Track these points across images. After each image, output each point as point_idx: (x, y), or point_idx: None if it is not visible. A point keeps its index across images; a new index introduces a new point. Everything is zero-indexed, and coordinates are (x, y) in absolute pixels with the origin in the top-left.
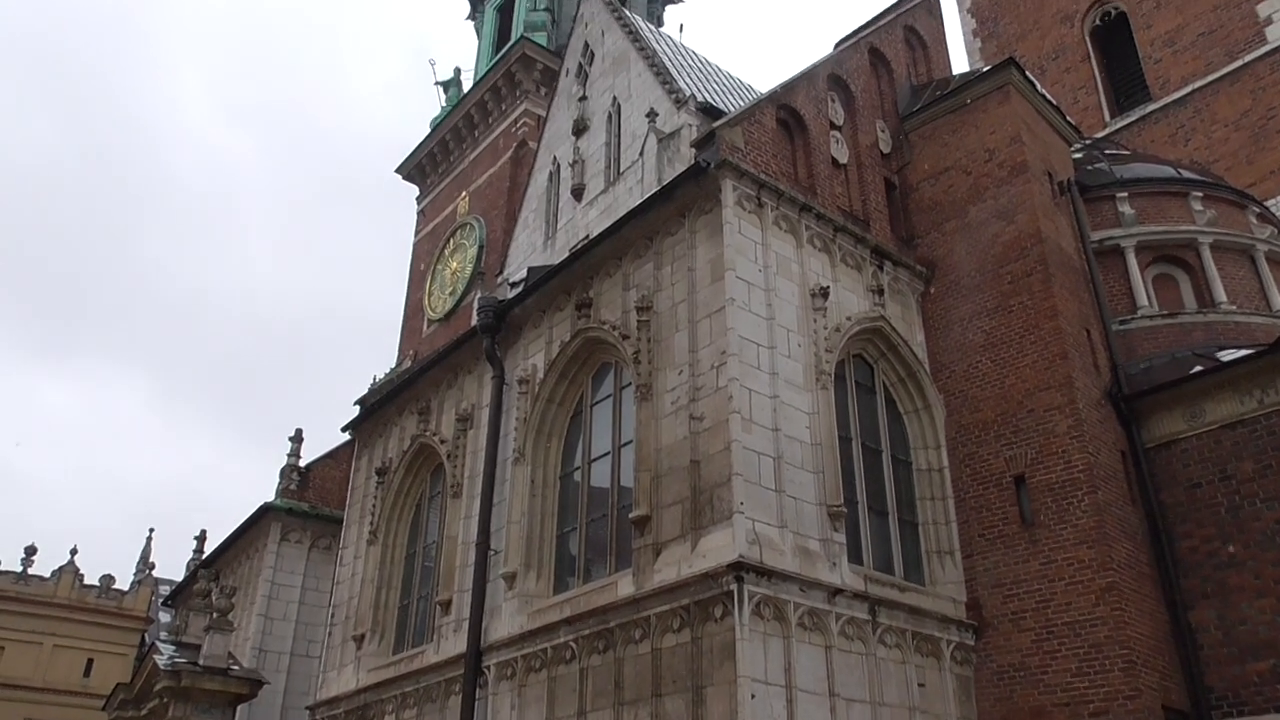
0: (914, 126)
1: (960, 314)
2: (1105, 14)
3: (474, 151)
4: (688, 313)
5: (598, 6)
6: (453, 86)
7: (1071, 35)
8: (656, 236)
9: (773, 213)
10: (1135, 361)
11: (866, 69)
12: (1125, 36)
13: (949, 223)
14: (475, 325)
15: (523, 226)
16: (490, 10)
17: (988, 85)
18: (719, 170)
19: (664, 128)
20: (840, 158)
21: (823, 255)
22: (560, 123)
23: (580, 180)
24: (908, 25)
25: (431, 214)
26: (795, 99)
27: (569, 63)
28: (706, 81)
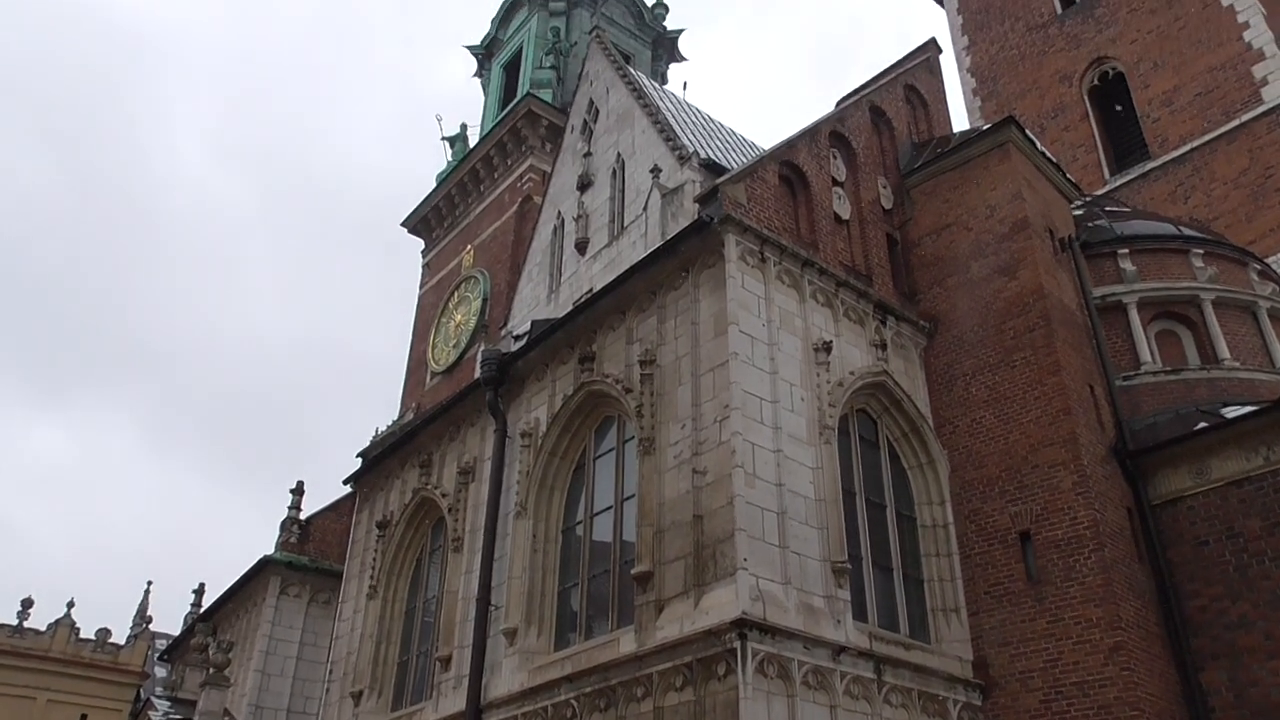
0: (916, 183)
1: (963, 369)
2: (1103, 74)
3: (479, 206)
4: (691, 366)
5: (603, 65)
6: (459, 142)
7: (1070, 94)
8: (660, 290)
9: (775, 267)
10: (1140, 418)
11: (868, 126)
12: (1123, 96)
13: (951, 278)
14: (478, 378)
15: (527, 280)
16: (497, 68)
17: (988, 143)
18: (722, 225)
19: (668, 183)
20: (842, 213)
21: (825, 310)
22: (565, 178)
23: (584, 234)
24: (908, 84)
25: (437, 267)
26: (797, 155)
27: (574, 119)
28: (710, 138)
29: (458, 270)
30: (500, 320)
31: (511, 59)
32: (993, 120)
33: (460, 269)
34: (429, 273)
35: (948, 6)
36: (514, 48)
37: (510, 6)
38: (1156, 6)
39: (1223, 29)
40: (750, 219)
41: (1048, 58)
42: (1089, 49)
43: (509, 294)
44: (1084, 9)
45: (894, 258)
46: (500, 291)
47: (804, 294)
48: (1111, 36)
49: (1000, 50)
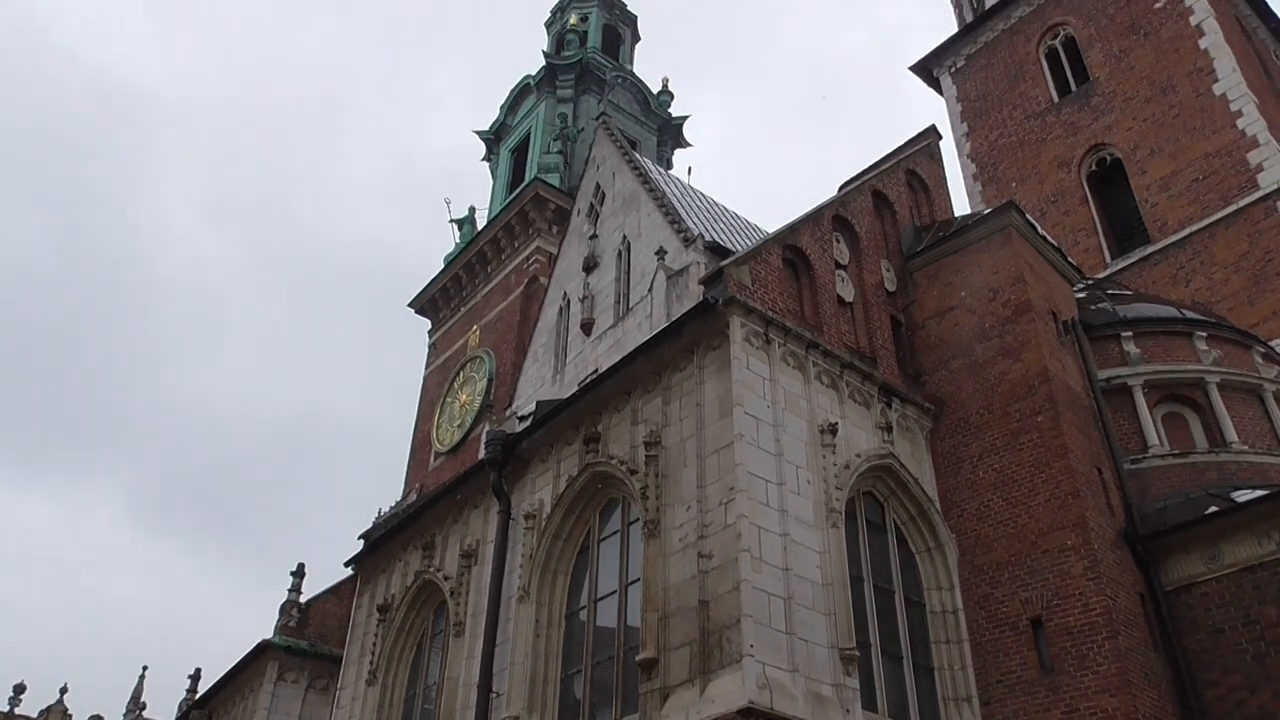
0: (918, 266)
1: (970, 452)
2: (1101, 160)
3: (486, 287)
4: (696, 448)
5: (609, 150)
6: (467, 224)
7: (1069, 180)
8: (665, 371)
9: (780, 349)
10: (1149, 501)
11: (870, 210)
12: (1122, 181)
13: (955, 360)
14: (482, 459)
15: (532, 360)
16: (505, 152)
17: (989, 227)
18: (727, 307)
19: (673, 265)
20: (846, 296)
21: (831, 392)
22: (571, 259)
23: (590, 315)
24: (909, 169)
25: (443, 347)
26: (801, 239)
27: (581, 202)
28: (714, 221)
29: (463, 350)
30: (505, 401)
31: (520, 144)
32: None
33: (466, 349)
34: (435, 353)
35: (946, 95)
36: (522, 133)
37: (519, 94)
38: (1151, 95)
39: (1217, 117)
40: (755, 301)
41: (1046, 144)
42: (1086, 136)
43: (514, 374)
44: (1080, 97)
45: (898, 340)
46: (505, 372)
47: (809, 376)
48: (1108, 124)
49: (1000, 137)
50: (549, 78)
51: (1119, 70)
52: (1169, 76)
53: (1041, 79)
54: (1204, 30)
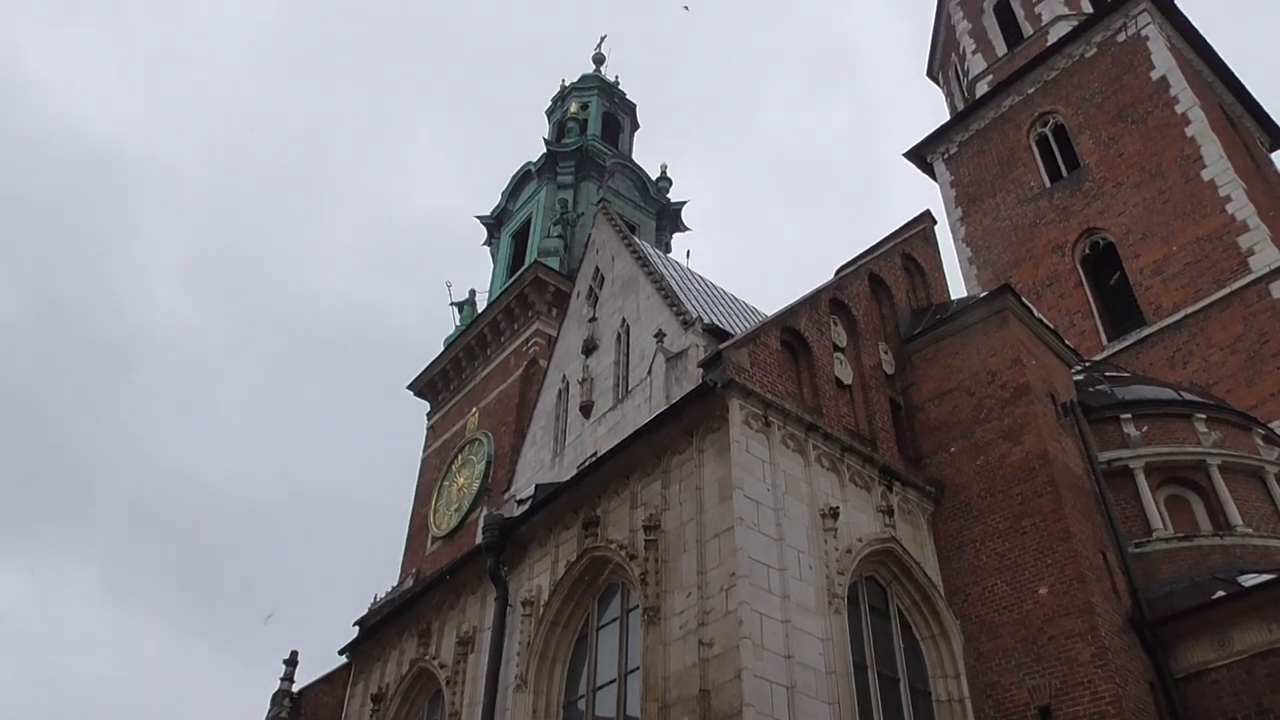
0: (916, 349)
1: (972, 535)
2: (1094, 244)
3: (486, 369)
4: (696, 532)
5: (609, 234)
6: (466, 307)
7: (1063, 264)
8: (665, 455)
9: (780, 431)
10: (1155, 586)
11: (867, 293)
12: (1116, 264)
13: (955, 443)
14: (480, 543)
15: (531, 443)
16: (506, 236)
17: (985, 310)
18: (726, 389)
19: (671, 348)
20: (845, 378)
21: (831, 475)
22: (570, 342)
23: (589, 397)
24: (905, 253)
25: (441, 429)
26: (799, 322)
27: (580, 286)
28: (712, 304)
29: (462, 433)
30: (504, 484)
31: (521, 229)
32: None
33: (465, 431)
34: (433, 435)
35: (940, 180)
36: (523, 218)
37: (520, 180)
38: (1141, 180)
39: (1206, 202)
40: (754, 383)
41: (1040, 229)
42: (1079, 220)
43: (513, 457)
44: (1072, 183)
45: (898, 422)
46: (504, 454)
47: (809, 459)
48: (1100, 209)
49: (994, 221)
50: (550, 164)
51: (1109, 156)
52: (1158, 163)
53: (1033, 165)
54: (1190, 118)
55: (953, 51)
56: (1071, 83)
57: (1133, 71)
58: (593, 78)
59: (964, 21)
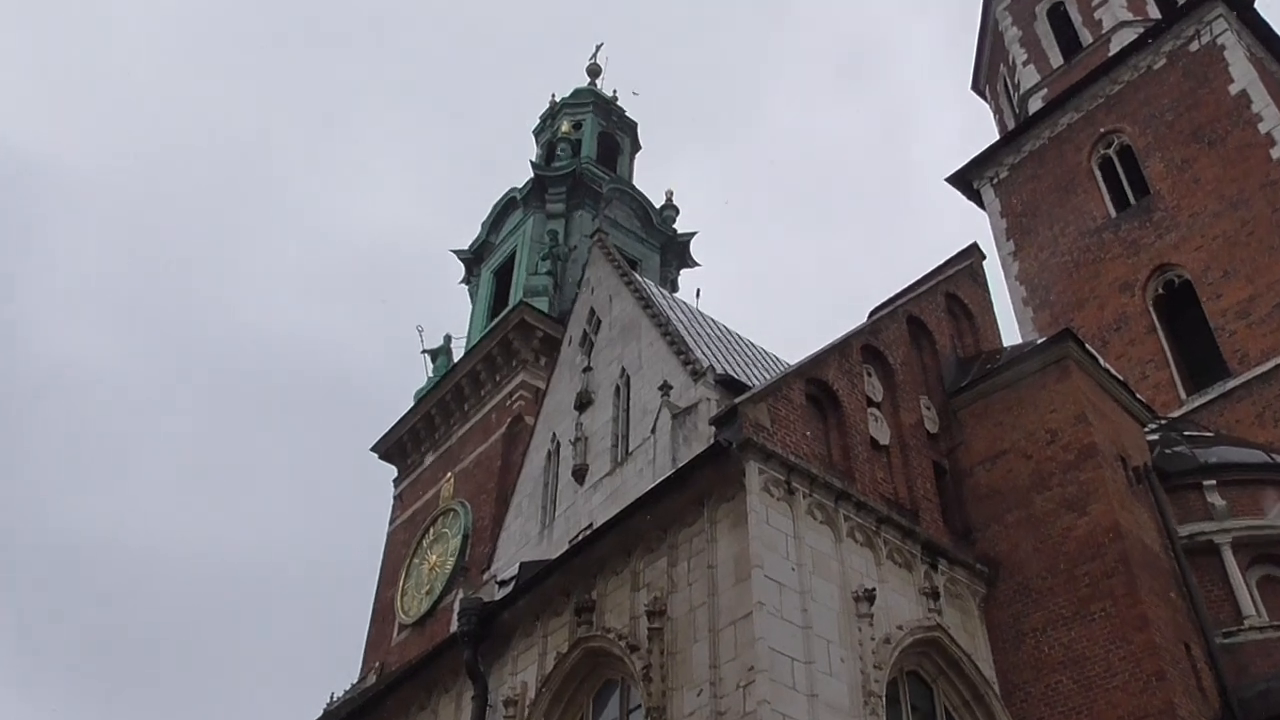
0: (963, 404)
1: (1032, 623)
2: (1169, 282)
3: (462, 428)
4: (708, 619)
5: (605, 271)
6: (441, 355)
7: (1133, 305)
8: (671, 527)
9: (805, 500)
10: (1248, 684)
11: (905, 340)
12: (1194, 306)
13: (1011, 514)
14: (455, 632)
15: (515, 514)
16: (487, 274)
17: (1043, 359)
18: (742, 451)
19: (679, 402)
20: (881, 438)
21: (866, 551)
22: (561, 396)
23: (583, 460)
24: (949, 293)
25: (410, 498)
26: (827, 372)
27: (572, 330)
28: (726, 351)
29: (435, 502)
30: (483, 561)
31: (503, 264)
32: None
33: (438, 500)
34: (400, 505)
35: (989, 209)
36: (506, 252)
37: (503, 209)
38: (1221, 209)
39: None
40: (774, 444)
41: (1105, 264)
42: (1149, 255)
43: (494, 530)
44: (1140, 213)
45: (943, 490)
46: (484, 527)
47: (840, 532)
48: (1173, 242)
49: (1051, 256)
50: (538, 191)
51: (1182, 182)
52: (1239, 189)
53: (1096, 192)
54: (1276, 138)
55: (1001, 62)
56: (1138, 98)
57: (1208, 85)
58: (587, 92)
59: (1013, 28)
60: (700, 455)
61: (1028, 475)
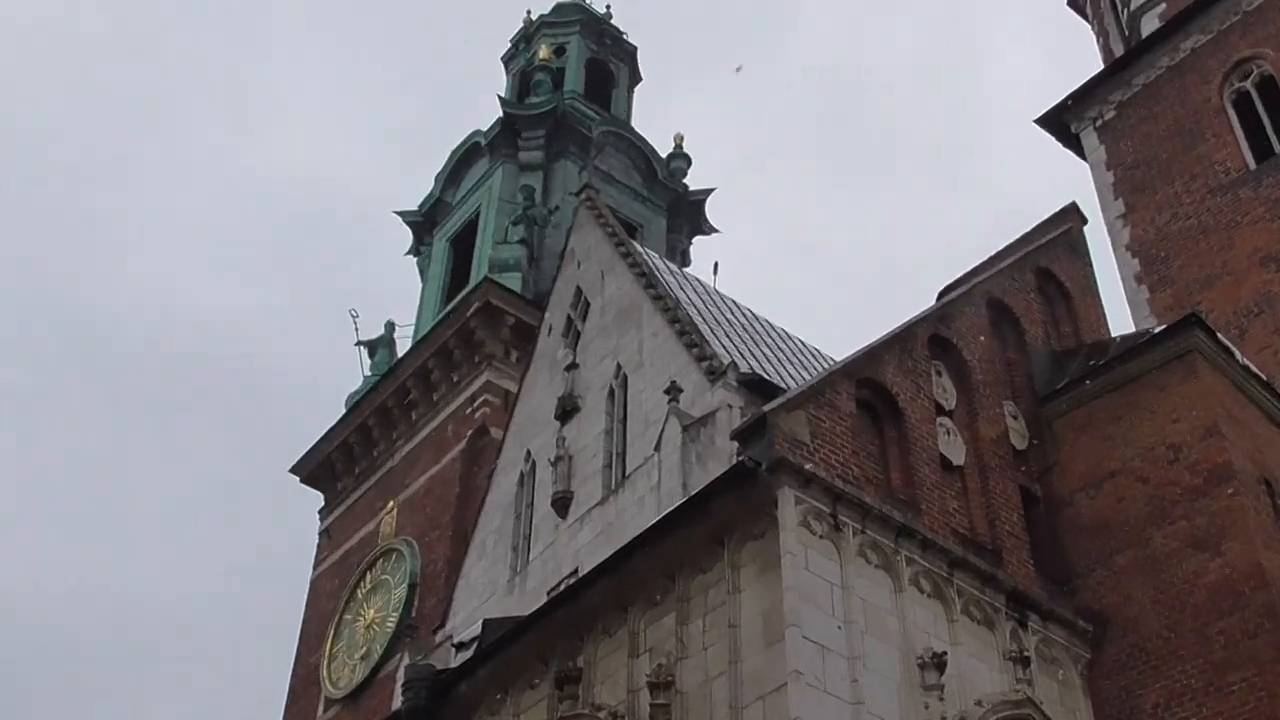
0: (1060, 411)
1: (1151, 697)
2: None
3: (409, 443)
4: (729, 692)
5: (596, 239)
6: (381, 348)
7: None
8: (681, 573)
9: (856, 538)
10: None
11: (985, 328)
12: None
13: (1121, 554)
14: (399, 709)
15: (478, 555)
16: (441, 242)
17: (1162, 353)
18: (774, 473)
19: (692, 410)
20: (953, 456)
21: (934, 604)
22: (538, 401)
23: (566, 486)
24: (1041, 267)
25: (340, 535)
26: (884, 371)
27: (553, 316)
28: (753, 343)
29: (372, 540)
30: (435, 618)
31: (463, 230)
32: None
33: (377, 538)
34: (328, 545)
35: (1091, 159)
36: (467, 214)
37: (464, 159)
38: None
39: None
40: (816, 464)
41: (1241, 230)
42: None
43: (450, 576)
44: None
45: (1033, 523)
46: (436, 572)
47: (900, 579)
48: None
49: (1172, 220)
50: (508, 135)
51: None
52: None
53: (1229, 136)
54: None
55: None
56: None
57: None
58: (572, 7)
59: None
60: (719, 479)
61: (1144, 504)
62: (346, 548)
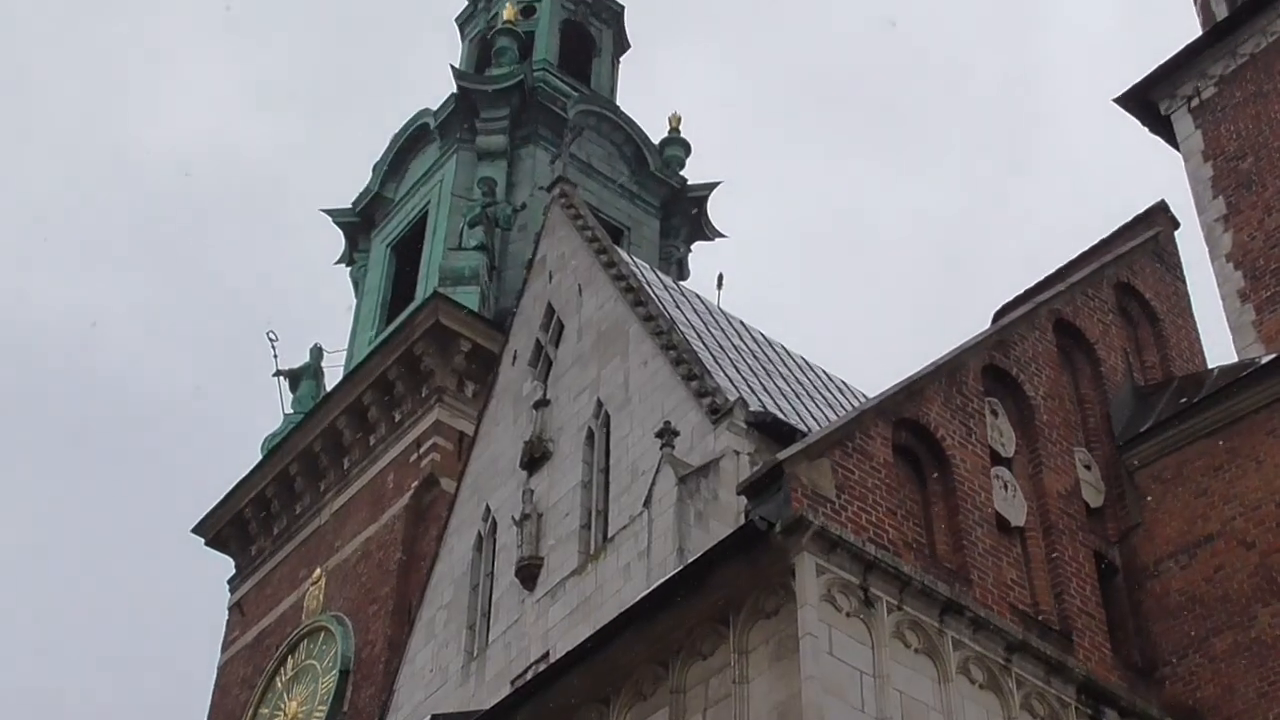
0: (1144, 460)
1: None
2: None
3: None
4: None
5: (573, 244)
6: (306, 379)
7: None
8: (676, 660)
9: (892, 616)
10: None
11: (1051, 357)
12: None
13: (1220, 637)
14: None
15: (426, 636)
16: (381, 248)
17: (1272, 389)
18: (791, 536)
19: (690, 456)
20: (1012, 516)
21: (988, 697)
22: (500, 446)
23: (534, 551)
24: (1122, 282)
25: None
26: (927, 410)
27: (518, 341)
28: (765, 374)
29: (295, 616)
30: (374, 712)
31: (408, 233)
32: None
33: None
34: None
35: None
36: (413, 213)
37: (409, 144)
38: None
39: None
40: (843, 525)
41: None
42: None
43: (391, 660)
44: None
45: (1112, 597)
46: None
47: (947, 665)
48: None
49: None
50: (464, 114)
51: None
52: None
53: None
54: None
55: None
56: None
57: None
58: None
59: None
60: (723, 543)
61: (1248, 575)
62: (262, 626)
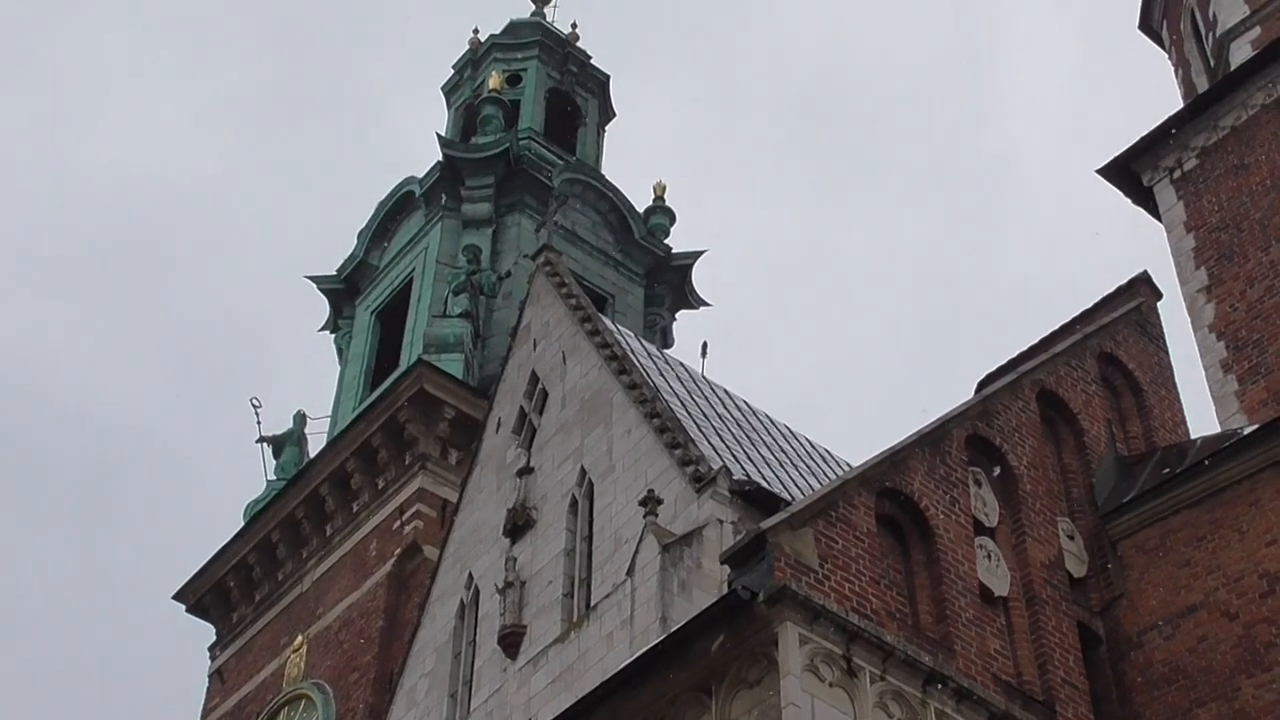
0: (1127, 530)
1: None
2: None
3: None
4: None
5: (557, 312)
6: (289, 445)
7: None
8: None
9: (875, 686)
10: None
11: (1035, 427)
12: None
13: (1204, 708)
14: None
15: (407, 704)
16: (365, 315)
17: (1256, 459)
18: (774, 606)
19: (673, 525)
20: (995, 585)
21: None
22: (483, 514)
23: (517, 619)
24: (1105, 353)
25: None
26: (910, 479)
27: (501, 408)
28: (749, 442)
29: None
30: None
31: (392, 301)
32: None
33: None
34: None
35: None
36: (398, 281)
37: (394, 211)
38: None
39: None
40: (827, 595)
41: None
42: None
43: None
44: None
45: (1095, 669)
46: None
47: None
48: None
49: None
50: (448, 182)
51: None
52: None
53: None
54: None
55: None
56: None
57: None
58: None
59: None
60: (707, 612)
61: (1232, 646)
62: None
